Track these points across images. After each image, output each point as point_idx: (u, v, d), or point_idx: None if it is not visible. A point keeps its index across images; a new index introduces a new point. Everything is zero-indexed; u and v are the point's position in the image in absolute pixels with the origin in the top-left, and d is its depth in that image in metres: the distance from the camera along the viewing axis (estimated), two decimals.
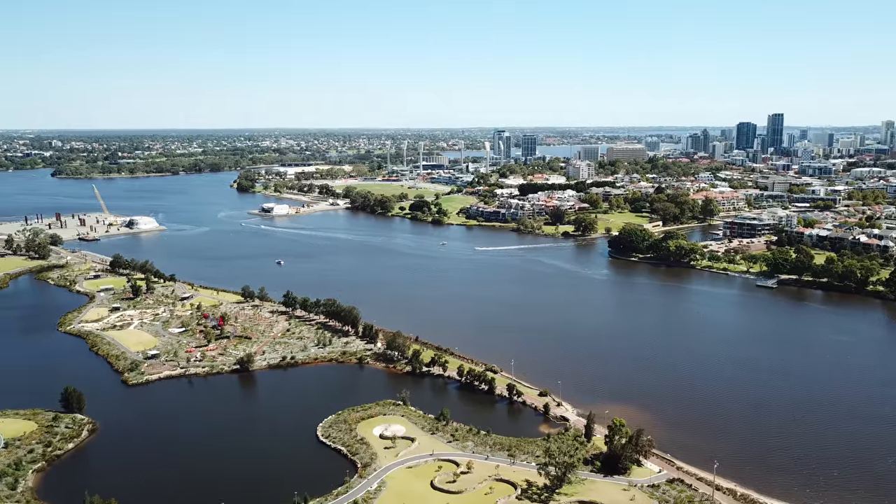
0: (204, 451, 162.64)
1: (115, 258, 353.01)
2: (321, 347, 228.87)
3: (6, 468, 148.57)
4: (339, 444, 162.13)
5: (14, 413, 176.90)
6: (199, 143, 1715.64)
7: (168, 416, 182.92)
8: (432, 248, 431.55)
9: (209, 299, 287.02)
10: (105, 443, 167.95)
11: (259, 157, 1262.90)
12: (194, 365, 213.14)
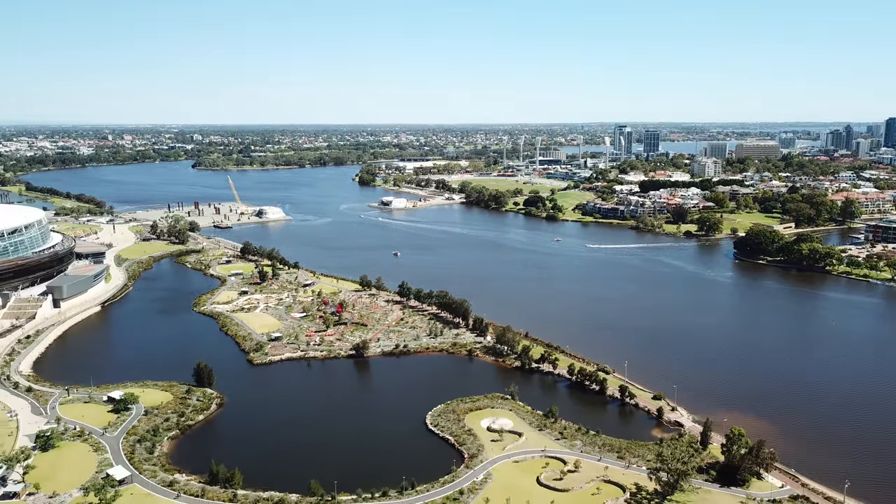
0: (319, 429, 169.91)
1: (245, 245, 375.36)
2: (433, 338, 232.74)
3: (146, 434, 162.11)
4: (447, 434, 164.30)
5: (154, 384, 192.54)
6: (324, 137, 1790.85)
7: (288, 395, 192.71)
8: (545, 244, 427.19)
9: (329, 287, 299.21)
10: (230, 416, 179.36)
11: (380, 151, 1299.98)
12: (313, 348, 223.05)
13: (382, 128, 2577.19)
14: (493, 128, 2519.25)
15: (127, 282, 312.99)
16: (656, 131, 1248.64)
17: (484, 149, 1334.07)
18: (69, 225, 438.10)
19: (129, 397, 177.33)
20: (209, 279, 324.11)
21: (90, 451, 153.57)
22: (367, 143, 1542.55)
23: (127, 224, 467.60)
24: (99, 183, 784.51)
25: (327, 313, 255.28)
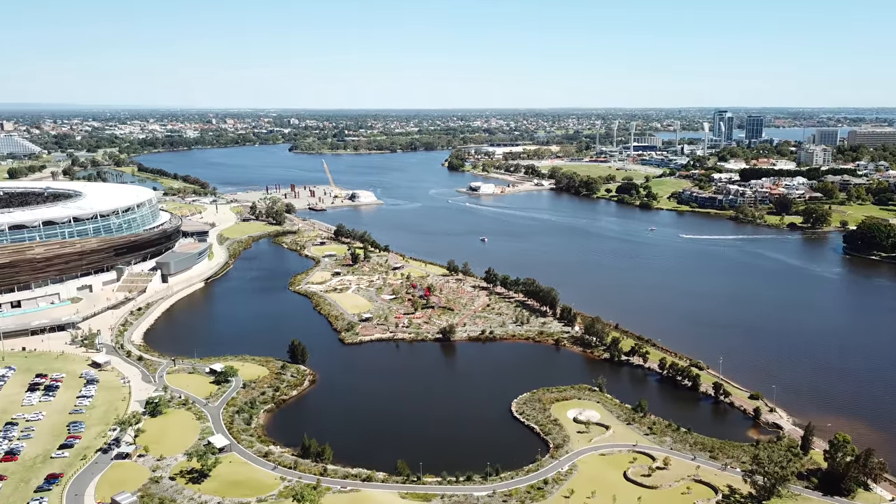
0: (406, 410, 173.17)
1: (339, 227, 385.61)
2: (519, 325, 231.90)
3: (244, 406, 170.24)
4: (532, 422, 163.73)
5: (252, 359, 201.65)
6: (415, 122, 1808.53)
7: (377, 374, 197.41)
8: (638, 232, 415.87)
9: (418, 270, 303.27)
10: (322, 393, 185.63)
11: (470, 136, 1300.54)
12: (402, 330, 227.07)
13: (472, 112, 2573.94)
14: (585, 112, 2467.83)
15: (228, 260, 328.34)
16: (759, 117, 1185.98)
17: (576, 134, 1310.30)
18: (176, 204, 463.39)
19: (229, 370, 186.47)
20: (304, 259, 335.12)
21: (193, 419, 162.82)
22: (457, 128, 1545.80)
23: (228, 205, 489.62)
24: (203, 165, 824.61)
25: (416, 296, 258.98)
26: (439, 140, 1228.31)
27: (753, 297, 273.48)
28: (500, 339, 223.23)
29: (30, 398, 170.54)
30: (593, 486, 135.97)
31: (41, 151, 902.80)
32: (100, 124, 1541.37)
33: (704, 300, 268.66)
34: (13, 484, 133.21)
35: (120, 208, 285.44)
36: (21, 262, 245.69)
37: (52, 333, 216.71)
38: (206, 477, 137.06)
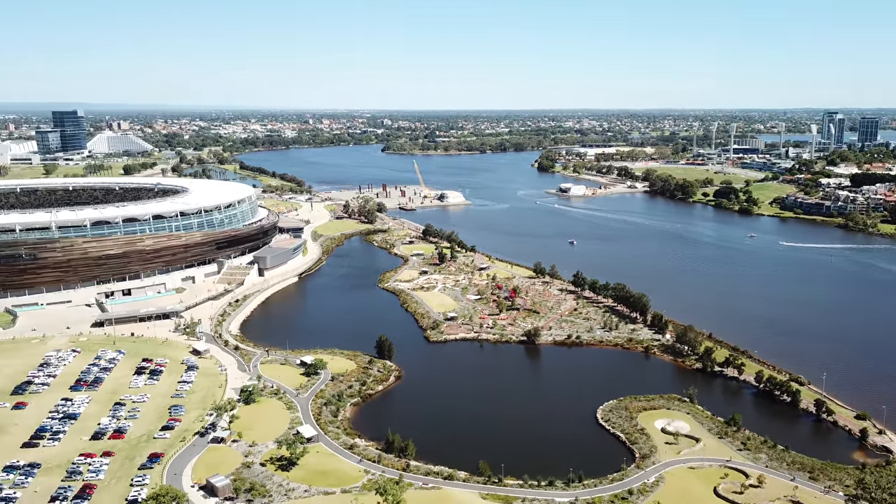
0: (489, 411, 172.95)
1: (427, 227, 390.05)
2: (607, 331, 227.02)
3: (331, 398, 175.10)
4: (618, 430, 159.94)
5: (340, 352, 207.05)
6: (505, 123, 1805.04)
7: (461, 374, 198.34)
8: (736, 239, 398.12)
9: (504, 272, 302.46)
10: (407, 389, 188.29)
11: (561, 137, 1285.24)
12: (486, 331, 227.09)
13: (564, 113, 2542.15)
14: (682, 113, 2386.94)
15: (321, 256, 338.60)
16: (874, 118, 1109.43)
17: (672, 135, 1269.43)
18: (273, 201, 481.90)
19: (319, 363, 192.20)
20: (393, 258, 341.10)
21: (284, 408, 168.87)
22: (548, 129, 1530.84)
23: (323, 203, 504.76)
24: (300, 164, 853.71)
25: (501, 298, 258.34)
26: (529, 141, 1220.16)
27: (862, 309, 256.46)
28: (587, 345, 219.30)
29: (136, 381, 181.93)
30: (681, 499, 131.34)
31: (153, 149, 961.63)
32: (206, 124, 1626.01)
33: (807, 312, 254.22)
34: (119, 460, 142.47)
35: (222, 204, 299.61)
36: (132, 252, 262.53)
37: (157, 321, 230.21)
38: (294, 465, 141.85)
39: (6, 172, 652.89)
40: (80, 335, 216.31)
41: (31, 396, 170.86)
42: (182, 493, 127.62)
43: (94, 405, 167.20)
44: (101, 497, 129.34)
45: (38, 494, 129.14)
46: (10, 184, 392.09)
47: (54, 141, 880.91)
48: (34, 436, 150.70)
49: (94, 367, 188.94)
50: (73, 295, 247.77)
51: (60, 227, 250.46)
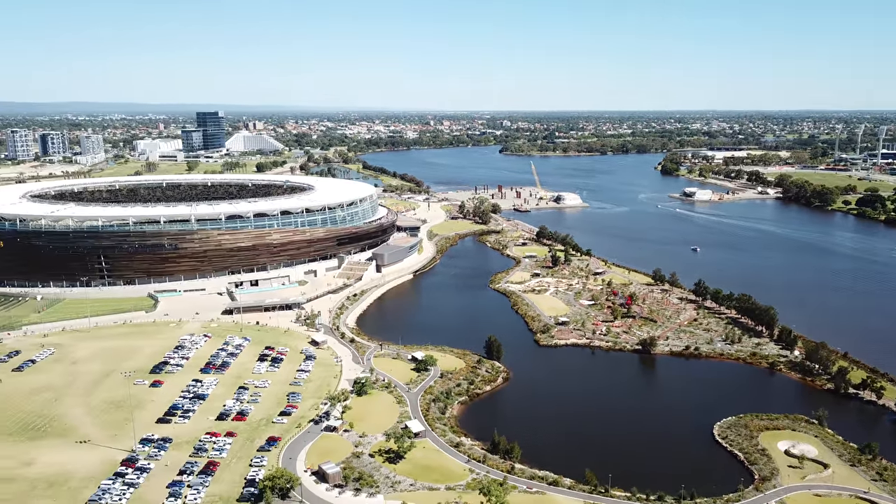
0: (598, 419, 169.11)
1: (541, 229, 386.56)
2: (729, 344, 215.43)
3: (440, 395, 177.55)
4: (737, 449, 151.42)
5: (450, 351, 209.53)
6: (628, 124, 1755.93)
7: (570, 380, 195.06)
8: (880, 252, 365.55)
9: (620, 277, 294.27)
10: (515, 391, 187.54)
11: (687, 139, 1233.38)
12: (599, 338, 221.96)
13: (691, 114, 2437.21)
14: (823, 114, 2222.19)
15: (435, 255, 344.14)
16: None
17: (811, 138, 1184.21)
18: (393, 200, 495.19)
19: (429, 359, 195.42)
20: (505, 259, 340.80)
21: (394, 402, 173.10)
22: (674, 131, 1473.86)
23: (439, 203, 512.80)
24: (419, 164, 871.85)
25: (616, 304, 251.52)
26: (653, 143, 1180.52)
27: None
28: (706, 357, 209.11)
29: (259, 367, 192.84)
30: None
31: (284, 148, 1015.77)
32: (333, 125, 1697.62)
33: None
34: (241, 441, 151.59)
35: (345, 202, 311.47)
36: (261, 246, 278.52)
37: (281, 311, 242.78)
38: (401, 458, 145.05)
39: (155, 168, 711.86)
40: (211, 321, 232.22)
41: (167, 376, 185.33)
42: (296, 476, 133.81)
43: (221, 387, 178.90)
44: (223, 474, 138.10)
45: (168, 468, 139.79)
46: (157, 178, 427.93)
47: (197, 139, 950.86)
48: (167, 412, 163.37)
49: (223, 352, 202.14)
50: (207, 283, 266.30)
51: (199, 219, 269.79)
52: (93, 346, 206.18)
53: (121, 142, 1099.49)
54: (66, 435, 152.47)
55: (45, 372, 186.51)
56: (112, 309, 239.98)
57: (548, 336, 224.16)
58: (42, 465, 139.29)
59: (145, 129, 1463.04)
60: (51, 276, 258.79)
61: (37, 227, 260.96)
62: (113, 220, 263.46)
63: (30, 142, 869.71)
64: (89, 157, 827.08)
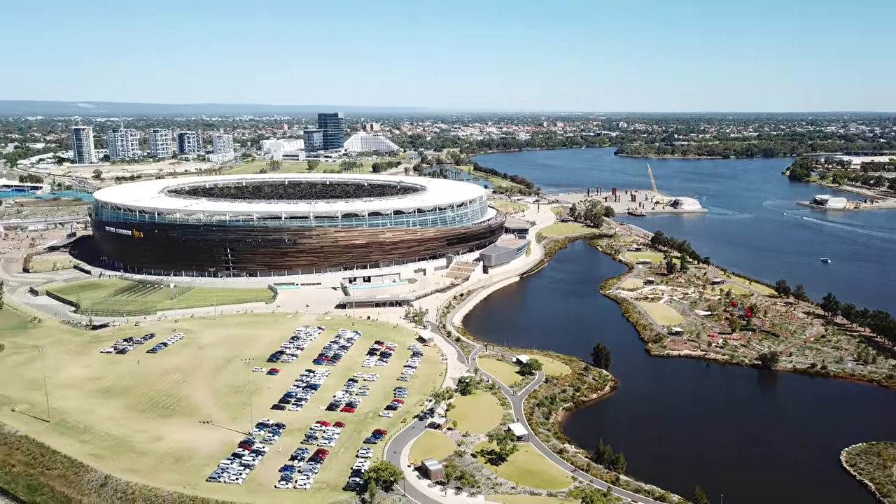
0: (711, 434, 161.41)
1: (657, 235, 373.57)
2: (861, 364, 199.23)
3: (544, 400, 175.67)
4: (867, 479, 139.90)
5: (556, 356, 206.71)
6: (754, 127, 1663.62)
7: (683, 392, 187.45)
8: None
9: (740, 288, 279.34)
10: (622, 401, 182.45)
11: (820, 143, 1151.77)
12: (714, 350, 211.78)
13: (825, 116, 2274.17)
14: None
15: (543, 258, 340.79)
16: None
17: None
18: (502, 202, 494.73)
19: (535, 363, 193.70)
20: (617, 264, 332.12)
21: (497, 403, 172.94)
22: (805, 134, 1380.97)
23: (549, 205, 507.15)
24: (531, 166, 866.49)
25: (734, 315, 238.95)
26: (781, 146, 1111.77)
27: None
28: (834, 377, 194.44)
29: (368, 361, 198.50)
30: None
31: (398, 149, 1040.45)
32: (446, 126, 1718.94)
33: None
34: (348, 432, 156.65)
35: (455, 203, 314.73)
36: (374, 244, 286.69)
37: (390, 307, 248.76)
38: (503, 460, 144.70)
39: (278, 166, 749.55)
40: (325, 314, 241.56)
41: (283, 365, 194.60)
42: (399, 470, 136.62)
43: (332, 379, 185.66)
44: (331, 462, 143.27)
45: (280, 453, 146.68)
46: (280, 177, 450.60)
47: (318, 140, 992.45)
48: (282, 400, 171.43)
49: (335, 345, 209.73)
50: (323, 278, 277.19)
51: (317, 216, 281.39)
52: (217, 333, 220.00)
53: (248, 141, 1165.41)
54: (192, 414, 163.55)
55: (175, 355, 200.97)
56: (235, 299, 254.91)
57: (660, 346, 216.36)
58: (170, 441, 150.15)
59: (270, 129, 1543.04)
60: (183, 266, 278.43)
61: (172, 220, 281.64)
62: (239, 215, 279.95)
63: (169, 141, 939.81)
64: (220, 156, 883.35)
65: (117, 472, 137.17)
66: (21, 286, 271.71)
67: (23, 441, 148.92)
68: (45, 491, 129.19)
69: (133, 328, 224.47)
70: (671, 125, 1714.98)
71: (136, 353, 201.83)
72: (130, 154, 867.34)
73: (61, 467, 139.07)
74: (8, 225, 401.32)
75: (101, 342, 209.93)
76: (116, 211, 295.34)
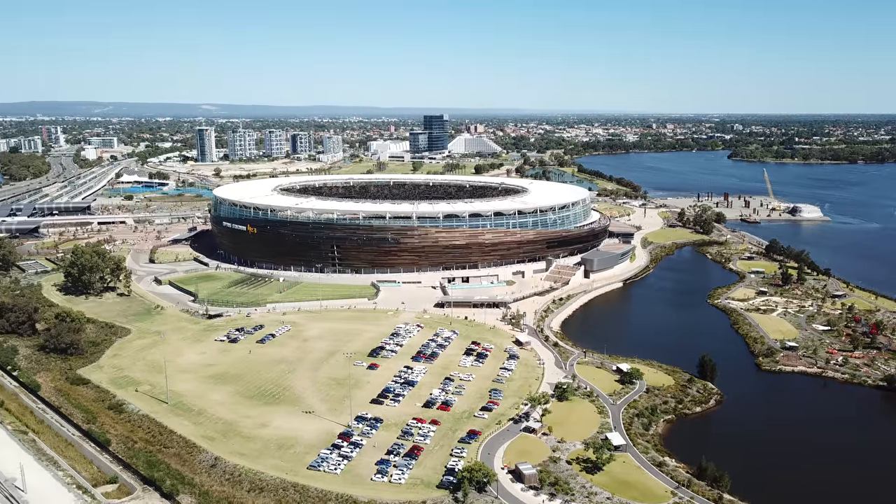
0: (827, 458, 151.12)
1: (772, 243, 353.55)
2: None
3: (644, 410, 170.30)
4: None
5: (658, 365, 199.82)
6: (887, 129, 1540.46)
7: (796, 411, 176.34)
8: None
9: (864, 302, 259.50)
10: (728, 416, 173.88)
11: None
12: (833, 368, 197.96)
13: None
14: None
15: (648, 264, 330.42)
16: None
17: None
18: (606, 205, 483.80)
19: (635, 372, 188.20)
20: (727, 273, 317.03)
21: (595, 411, 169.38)
22: None
23: (657, 209, 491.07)
24: (638, 168, 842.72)
25: (857, 332, 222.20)
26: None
27: None
28: None
29: (465, 361, 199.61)
30: None
31: (501, 151, 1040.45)
32: (551, 128, 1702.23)
33: None
34: (444, 430, 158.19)
35: (557, 205, 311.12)
36: (474, 244, 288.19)
37: (488, 309, 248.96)
38: (599, 470, 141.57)
39: (384, 167, 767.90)
40: (424, 313, 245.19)
41: (382, 360, 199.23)
42: (493, 472, 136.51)
43: (429, 376, 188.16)
44: (426, 459, 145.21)
45: (377, 447, 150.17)
46: (385, 177, 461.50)
47: (423, 141, 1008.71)
48: (380, 395, 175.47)
49: (433, 343, 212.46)
50: (422, 277, 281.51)
51: (419, 217, 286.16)
52: (322, 326, 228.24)
53: (356, 142, 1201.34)
54: (295, 404, 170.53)
55: (282, 346, 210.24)
56: (340, 294, 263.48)
57: (771, 361, 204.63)
58: (274, 429, 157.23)
59: (378, 130, 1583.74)
60: (292, 261, 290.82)
61: (283, 217, 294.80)
62: (346, 214, 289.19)
63: (282, 141, 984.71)
64: (329, 156, 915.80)
65: (226, 454, 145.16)
66: (147, 275, 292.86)
67: (144, 420, 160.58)
68: (163, 468, 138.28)
69: (244, 319, 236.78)
70: (791, 127, 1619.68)
71: (246, 342, 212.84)
72: (247, 153, 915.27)
73: (177, 446, 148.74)
74: (138, 218, 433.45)
75: (215, 331, 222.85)
76: (233, 207, 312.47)
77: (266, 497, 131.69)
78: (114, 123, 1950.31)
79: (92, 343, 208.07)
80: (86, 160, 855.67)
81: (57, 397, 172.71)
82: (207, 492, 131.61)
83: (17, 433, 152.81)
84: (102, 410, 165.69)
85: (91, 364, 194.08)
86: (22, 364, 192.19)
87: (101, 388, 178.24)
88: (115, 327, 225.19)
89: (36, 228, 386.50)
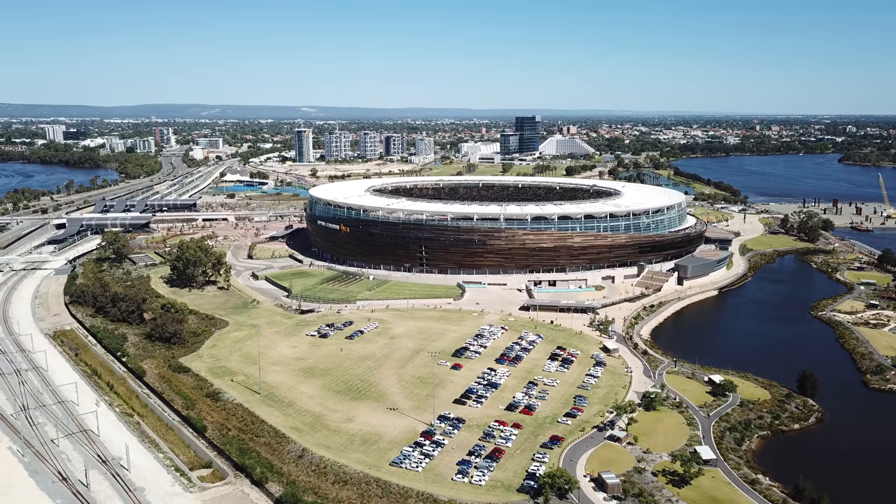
0: None
1: (885, 253, 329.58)
2: None
3: (737, 424, 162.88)
4: None
5: (754, 378, 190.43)
6: None
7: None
8: None
9: None
10: (828, 436, 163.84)
11: None
12: None
13: None
14: None
15: (747, 272, 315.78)
16: None
17: None
18: (703, 210, 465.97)
19: (728, 384, 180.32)
20: (833, 284, 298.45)
21: (684, 423, 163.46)
22: None
23: (757, 215, 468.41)
24: (739, 172, 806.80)
25: None
26: None
27: None
28: None
29: (549, 365, 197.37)
30: None
31: (594, 152, 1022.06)
32: (647, 129, 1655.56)
33: None
34: (526, 434, 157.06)
35: (651, 209, 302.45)
36: (562, 248, 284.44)
37: (575, 313, 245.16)
38: (686, 484, 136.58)
39: (474, 169, 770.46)
40: (509, 315, 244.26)
41: (466, 361, 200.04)
42: (574, 479, 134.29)
43: (512, 379, 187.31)
44: (507, 462, 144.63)
45: (458, 447, 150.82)
46: (475, 179, 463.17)
47: (513, 143, 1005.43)
48: (463, 395, 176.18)
49: (517, 346, 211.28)
50: (508, 279, 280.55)
51: (507, 219, 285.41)
52: (408, 325, 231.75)
53: (447, 144, 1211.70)
54: (380, 400, 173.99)
55: (370, 342, 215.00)
56: (426, 294, 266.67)
57: (881, 379, 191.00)
58: (359, 424, 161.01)
59: (469, 132, 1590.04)
60: (381, 260, 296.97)
61: (375, 217, 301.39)
62: (435, 215, 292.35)
63: (376, 143, 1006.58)
64: (421, 158, 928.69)
65: (312, 446, 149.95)
66: (245, 270, 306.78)
67: (238, 409, 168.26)
68: (254, 456, 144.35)
69: (335, 315, 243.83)
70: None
71: (336, 338, 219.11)
72: (343, 154, 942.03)
73: (267, 436, 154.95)
74: (238, 216, 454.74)
75: (306, 326, 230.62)
76: (327, 207, 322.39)
77: (349, 490, 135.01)
78: (220, 125, 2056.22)
79: (193, 333, 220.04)
80: (193, 160, 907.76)
81: (160, 383, 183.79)
82: (294, 481, 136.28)
83: (123, 415, 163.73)
84: (200, 398, 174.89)
85: (192, 353, 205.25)
86: (130, 351, 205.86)
87: (199, 376, 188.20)
88: (215, 319, 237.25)
89: (147, 224, 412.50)
